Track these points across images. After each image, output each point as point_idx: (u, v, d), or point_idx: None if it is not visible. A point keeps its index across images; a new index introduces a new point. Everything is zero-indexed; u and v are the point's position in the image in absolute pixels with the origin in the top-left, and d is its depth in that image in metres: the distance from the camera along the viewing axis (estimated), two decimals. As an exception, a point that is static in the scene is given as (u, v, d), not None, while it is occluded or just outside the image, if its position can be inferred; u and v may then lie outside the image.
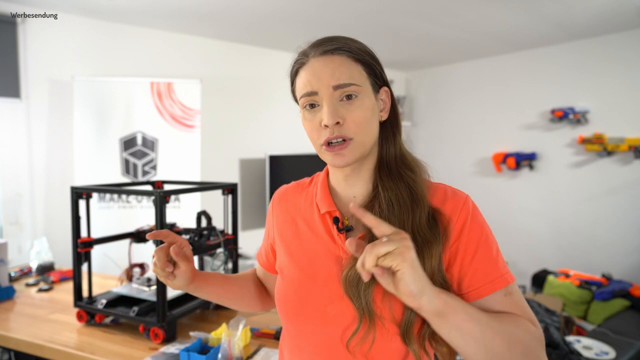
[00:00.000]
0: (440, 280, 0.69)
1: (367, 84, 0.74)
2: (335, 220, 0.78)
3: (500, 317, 0.67)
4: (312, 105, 0.74)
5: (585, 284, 3.16)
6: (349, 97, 0.71)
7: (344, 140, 0.72)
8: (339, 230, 0.77)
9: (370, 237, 0.72)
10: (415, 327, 0.69)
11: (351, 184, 0.79)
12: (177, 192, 1.52)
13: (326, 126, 0.71)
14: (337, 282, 0.73)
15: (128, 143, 3.00)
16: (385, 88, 0.78)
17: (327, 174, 0.86)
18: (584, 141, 3.64)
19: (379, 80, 0.76)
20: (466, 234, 0.72)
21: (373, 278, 0.66)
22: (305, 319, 0.76)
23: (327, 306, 0.74)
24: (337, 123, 0.71)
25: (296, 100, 0.81)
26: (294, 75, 0.79)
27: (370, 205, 0.76)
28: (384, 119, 0.78)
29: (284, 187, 0.92)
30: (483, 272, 0.71)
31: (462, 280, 0.72)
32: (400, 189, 0.74)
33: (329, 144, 0.73)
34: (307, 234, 0.81)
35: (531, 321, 0.70)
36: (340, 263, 0.75)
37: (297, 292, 0.78)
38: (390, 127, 0.80)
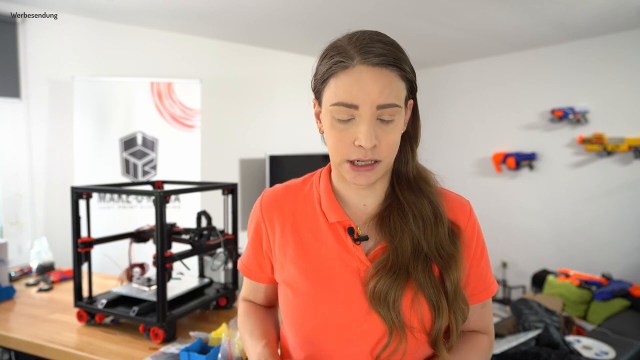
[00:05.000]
0: (461, 293, 0.72)
1: (403, 103, 0.69)
2: (350, 231, 0.73)
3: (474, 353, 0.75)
4: (346, 118, 0.66)
5: (585, 284, 3.16)
6: (387, 120, 0.66)
7: (371, 163, 0.68)
8: (355, 240, 0.72)
9: (392, 248, 0.71)
10: (442, 333, 0.71)
11: (362, 194, 0.76)
12: (177, 192, 1.52)
13: (360, 146, 0.66)
14: (360, 297, 0.70)
15: (128, 143, 3.00)
16: (411, 101, 0.73)
17: (328, 175, 0.79)
18: (584, 141, 3.64)
19: (412, 95, 0.73)
20: (475, 242, 0.75)
21: (400, 287, 0.68)
22: (328, 339, 0.71)
23: (352, 323, 0.69)
24: (373, 146, 0.66)
25: (316, 96, 0.73)
26: (328, 74, 0.68)
27: (387, 214, 0.74)
28: (403, 131, 0.72)
29: (271, 192, 0.82)
30: (483, 279, 0.77)
31: (466, 285, 0.75)
32: (424, 204, 0.73)
33: (354, 162, 0.68)
34: (314, 245, 0.75)
35: (490, 332, 0.80)
36: (359, 275, 0.71)
37: (317, 310, 0.71)
38: (409, 141, 0.76)
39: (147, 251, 1.64)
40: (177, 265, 1.54)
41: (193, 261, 2.00)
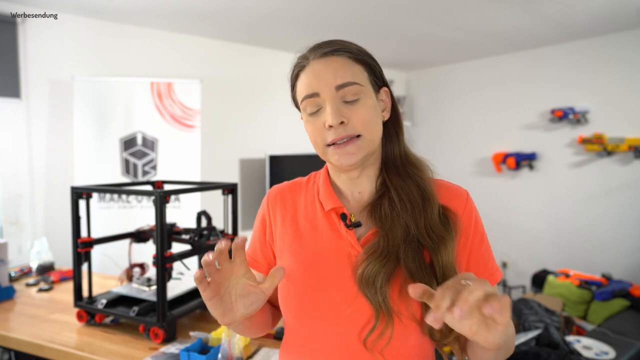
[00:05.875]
0: (454, 275, 0.71)
1: (368, 84, 0.74)
2: (343, 217, 0.76)
3: None
4: (315, 109, 0.73)
5: (585, 284, 3.16)
6: (351, 100, 0.71)
7: (350, 138, 0.72)
8: (347, 226, 0.76)
9: (383, 235, 0.73)
10: None
11: (356, 182, 0.80)
12: (177, 192, 1.52)
13: (330, 127, 0.71)
14: (350, 280, 0.72)
15: (128, 143, 3.00)
16: (385, 88, 0.79)
17: (328, 171, 0.84)
18: (584, 141, 3.64)
19: (379, 80, 0.77)
20: (473, 229, 0.76)
21: (389, 272, 0.69)
22: (319, 321, 0.74)
23: (341, 305, 0.72)
24: (342, 123, 0.71)
25: (297, 106, 0.81)
26: (294, 79, 0.79)
27: (379, 202, 0.76)
28: (386, 118, 0.78)
29: (278, 187, 0.89)
30: (484, 266, 0.76)
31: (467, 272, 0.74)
32: (411, 187, 0.75)
33: (335, 144, 0.72)
34: (310, 232, 0.79)
35: None
36: (350, 260, 0.74)
37: (309, 293, 0.74)
38: (392, 127, 0.80)
39: (147, 251, 1.65)
40: (177, 265, 1.54)
41: (193, 261, 2.00)
